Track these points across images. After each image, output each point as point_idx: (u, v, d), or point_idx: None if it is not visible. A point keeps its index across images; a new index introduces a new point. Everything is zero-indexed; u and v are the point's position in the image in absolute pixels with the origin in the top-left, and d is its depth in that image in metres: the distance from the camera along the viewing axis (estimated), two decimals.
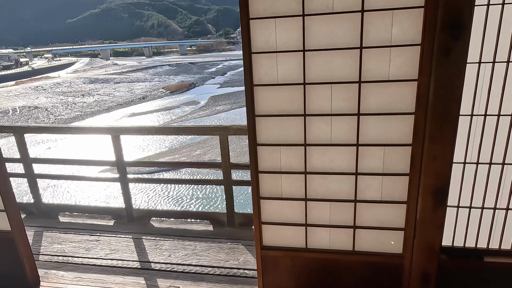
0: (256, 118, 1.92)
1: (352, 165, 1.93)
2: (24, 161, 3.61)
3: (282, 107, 1.89)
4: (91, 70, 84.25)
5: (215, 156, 25.37)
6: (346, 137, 1.88)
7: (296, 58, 1.80)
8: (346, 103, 1.83)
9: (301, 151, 1.95)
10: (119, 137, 3.36)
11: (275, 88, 1.86)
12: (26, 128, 3.51)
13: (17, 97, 52.59)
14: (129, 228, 3.56)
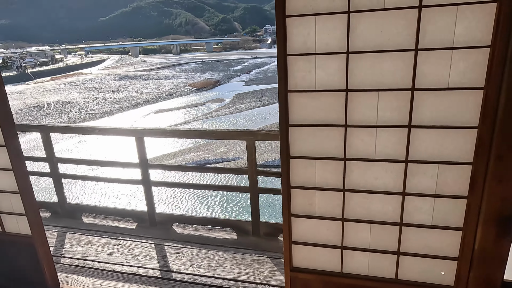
0: (289, 128, 1.72)
1: (399, 184, 1.68)
2: (49, 160, 3.60)
3: (319, 116, 1.67)
4: (121, 67, 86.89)
5: (239, 153, 25.33)
6: (393, 152, 1.64)
7: (338, 61, 1.58)
8: (395, 113, 1.59)
9: (340, 166, 1.73)
10: (143, 139, 3.26)
11: (312, 95, 1.65)
12: (52, 127, 3.49)
13: (52, 92, 55.05)
14: (151, 232, 3.47)
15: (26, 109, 43.74)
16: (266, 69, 80.00)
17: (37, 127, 3.51)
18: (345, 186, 1.75)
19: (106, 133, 3.38)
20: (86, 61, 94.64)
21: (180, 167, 3.24)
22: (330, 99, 1.64)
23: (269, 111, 37.99)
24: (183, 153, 26.48)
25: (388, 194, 1.71)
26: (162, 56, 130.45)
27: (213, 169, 5.09)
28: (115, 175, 15.39)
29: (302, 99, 1.67)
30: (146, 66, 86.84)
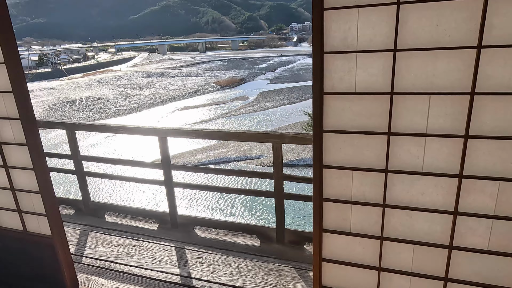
0: (324, 134, 1.54)
1: (450, 202, 1.46)
2: (74, 158, 3.59)
3: (359, 122, 1.48)
4: (149, 64, 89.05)
5: (262, 151, 25.22)
6: (444, 165, 1.42)
7: (383, 59, 1.38)
8: (449, 120, 1.37)
9: (381, 179, 1.53)
10: (166, 139, 3.17)
11: (351, 98, 1.46)
12: (77, 125, 3.47)
13: (84, 88, 57.18)
14: (173, 235, 3.38)
15: (60, 104, 45.66)
16: (291, 67, 79.35)
17: (62, 125, 3.51)
18: (386, 201, 1.55)
19: (130, 132, 3.32)
20: (116, 58, 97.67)
21: (204, 168, 3.14)
22: (372, 103, 1.44)
23: (294, 109, 37.59)
24: (207, 150, 26.69)
25: (436, 212, 1.49)
26: (189, 53, 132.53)
27: (237, 172, 4.89)
28: (138, 174, 15.39)
29: (339, 103, 1.49)
30: (173, 64, 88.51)
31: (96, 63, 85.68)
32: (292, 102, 41.45)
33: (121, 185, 17.19)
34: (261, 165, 22.04)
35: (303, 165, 21.76)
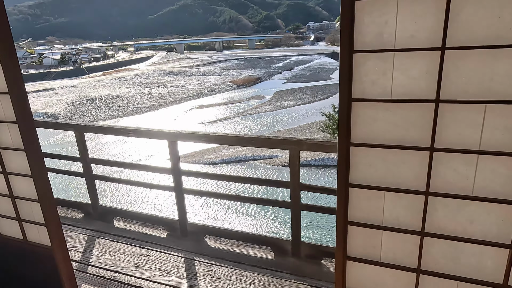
0: (351, 148, 1.30)
1: (507, 233, 1.20)
2: (83, 160, 3.46)
3: (394, 134, 1.24)
4: (166, 63, 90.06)
5: (278, 151, 24.88)
6: (501, 188, 1.17)
7: (427, 60, 1.14)
8: (508, 135, 1.11)
9: (419, 202, 1.28)
10: (176, 143, 2.99)
11: (386, 106, 1.22)
12: (86, 127, 3.34)
13: (103, 86, 58.33)
14: (182, 244, 3.20)
15: (80, 101, 46.69)
16: (307, 67, 78.50)
17: (71, 126, 3.39)
18: (425, 229, 1.30)
19: (139, 135, 3.16)
20: (135, 57, 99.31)
21: (216, 175, 2.94)
22: (412, 112, 1.20)
23: (310, 109, 37.08)
24: (222, 148, 26.65)
25: (488, 245, 1.23)
26: (206, 52, 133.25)
27: (252, 180, 4.63)
28: (148, 178, 14.89)
29: (371, 111, 1.25)
30: (190, 63, 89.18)
31: (116, 62, 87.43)
32: (309, 101, 40.94)
33: (131, 188, 17.23)
34: (276, 165, 21.79)
35: (319, 166, 21.35)
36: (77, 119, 38.85)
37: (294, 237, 2.89)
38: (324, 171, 20.27)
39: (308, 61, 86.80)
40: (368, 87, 1.23)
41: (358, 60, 1.21)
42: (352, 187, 1.36)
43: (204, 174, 3.36)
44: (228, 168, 21.60)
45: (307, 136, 27.71)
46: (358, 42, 1.20)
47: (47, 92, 53.39)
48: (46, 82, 64.22)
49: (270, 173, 20.20)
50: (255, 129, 31.12)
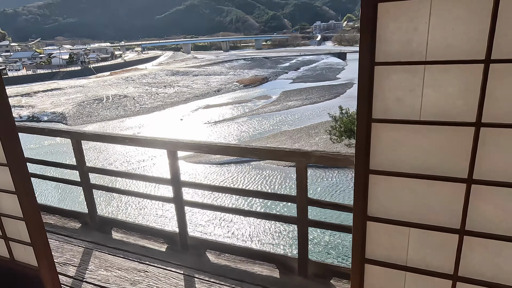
0: (370, 176, 1.10)
1: None
2: (80, 169, 3.30)
3: (423, 162, 1.04)
4: (173, 63, 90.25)
5: None
6: None
7: (467, 74, 0.93)
8: None
9: (452, 241, 1.08)
10: (176, 153, 2.81)
11: (414, 128, 1.02)
12: (83, 134, 3.19)
13: (111, 86, 58.63)
14: (182, 259, 3.03)
15: (88, 101, 46.93)
16: (314, 67, 77.92)
17: (67, 133, 3.23)
18: (459, 272, 1.10)
19: (137, 143, 3.00)
20: (142, 57, 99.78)
21: (218, 188, 2.77)
22: (446, 136, 0.99)
23: (316, 109, 36.71)
24: None
25: None
26: (212, 52, 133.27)
27: (257, 194, 4.41)
28: (148, 186, 14.18)
29: (395, 134, 1.05)
30: (197, 62, 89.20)
31: (123, 61, 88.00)
32: (315, 101, 40.58)
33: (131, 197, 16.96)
34: (282, 165, 21.55)
35: (324, 167, 21.08)
36: (84, 118, 39.00)
37: (300, 254, 2.70)
38: (332, 171, 19.98)
39: (314, 61, 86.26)
40: (392, 106, 1.03)
41: (380, 73, 1.02)
42: (371, 221, 1.16)
43: (206, 186, 3.18)
44: (234, 169, 21.42)
45: (313, 136, 27.36)
46: (381, 52, 1.00)
47: (55, 92, 53.81)
48: (55, 81, 64.89)
49: (277, 174, 20.00)
50: (261, 129, 30.88)
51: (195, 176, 21.07)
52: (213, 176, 20.83)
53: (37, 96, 51.57)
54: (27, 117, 40.84)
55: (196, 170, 21.79)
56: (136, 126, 34.40)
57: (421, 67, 0.97)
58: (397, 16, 0.95)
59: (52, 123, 38.48)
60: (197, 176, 20.98)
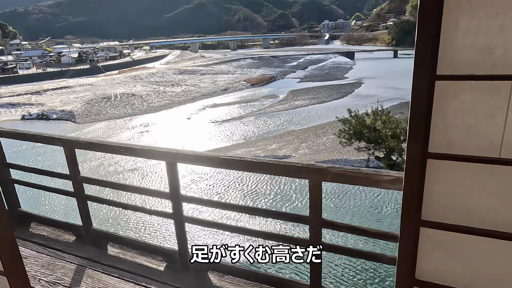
0: (422, 229, 0.81)
1: None
2: (73, 179, 3.06)
3: (496, 215, 0.73)
4: (181, 62, 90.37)
5: (290, 151, 24.35)
6: None
7: None
8: None
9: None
10: (176, 165, 2.54)
11: (490, 170, 0.72)
12: (76, 142, 2.93)
13: (119, 84, 58.89)
14: (182, 280, 2.76)
15: (96, 99, 47.15)
16: (322, 66, 77.16)
17: (60, 141, 2.98)
18: None
19: (134, 153, 2.73)
20: (150, 56, 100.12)
21: (221, 204, 2.48)
22: None
23: (324, 109, 36.22)
24: (235, 148, 26.22)
25: None
26: (220, 51, 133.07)
27: (264, 212, 3.97)
28: (146, 200, 13.27)
29: (461, 175, 0.75)
30: (204, 61, 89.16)
31: (131, 60, 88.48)
32: (322, 101, 40.12)
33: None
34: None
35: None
36: (93, 116, 39.15)
37: (313, 282, 2.41)
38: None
39: (322, 60, 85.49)
40: (460, 137, 0.73)
41: (443, 91, 0.72)
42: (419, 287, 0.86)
43: (209, 202, 2.89)
44: (239, 172, 21.14)
45: (321, 136, 26.92)
46: (446, 61, 0.70)
47: (64, 90, 54.23)
48: (64, 80, 65.55)
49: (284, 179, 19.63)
50: (267, 129, 30.57)
51: (196, 177, 20.85)
52: (216, 177, 20.58)
53: (46, 94, 52.02)
54: (37, 115, 41.17)
55: (197, 171, 21.60)
56: (143, 124, 34.39)
57: (507, 84, 0.66)
58: (473, 8, 0.65)
59: (61, 121, 38.70)
60: (198, 177, 20.77)
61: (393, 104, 34.92)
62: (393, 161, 5.03)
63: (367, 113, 5.06)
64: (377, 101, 22.16)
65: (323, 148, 24.61)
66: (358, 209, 16.31)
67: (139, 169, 22.91)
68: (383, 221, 13.10)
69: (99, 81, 62.09)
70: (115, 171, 21.85)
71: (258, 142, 27.12)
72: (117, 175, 21.61)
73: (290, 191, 17.48)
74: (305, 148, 24.83)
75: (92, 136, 31.42)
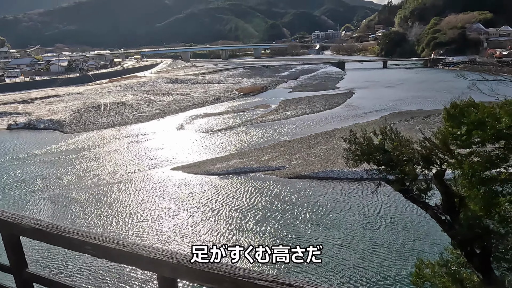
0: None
1: None
2: (17, 273, 2.04)
3: None
4: (172, 71, 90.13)
5: (283, 162, 24.13)
6: None
7: None
8: None
9: None
10: (175, 282, 1.48)
11: None
12: (20, 227, 1.98)
13: (109, 93, 58.26)
14: None
15: (85, 109, 46.43)
16: (313, 76, 77.73)
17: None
18: None
19: (105, 255, 1.72)
20: (141, 64, 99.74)
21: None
22: None
23: (316, 119, 36.25)
24: (227, 159, 25.87)
25: None
26: (211, 60, 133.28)
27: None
28: None
29: None
30: (196, 70, 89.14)
31: (122, 69, 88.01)
32: (315, 111, 40.22)
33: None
34: (282, 177, 20.93)
35: (326, 178, 20.46)
36: (81, 126, 38.37)
37: None
38: (331, 183, 19.32)
39: (314, 70, 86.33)
40: None
41: None
42: None
43: None
44: (233, 181, 20.81)
45: (313, 147, 26.77)
46: None
47: (53, 99, 53.36)
48: (53, 88, 64.63)
49: (276, 186, 19.41)
50: (260, 139, 30.36)
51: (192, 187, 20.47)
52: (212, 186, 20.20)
53: (34, 103, 51.05)
54: (23, 124, 40.20)
55: (193, 181, 21.20)
56: (133, 134, 33.81)
57: None
58: None
59: (48, 130, 37.82)
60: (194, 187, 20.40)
61: (385, 114, 35.16)
62: (406, 186, 4.85)
63: (374, 132, 4.90)
64: (383, 118, 20.99)
65: (317, 159, 24.37)
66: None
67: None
68: None
69: (89, 90, 61.32)
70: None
71: (251, 152, 26.76)
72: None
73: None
74: (298, 159, 24.61)
75: (80, 147, 30.34)
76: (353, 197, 17.54)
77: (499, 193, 4.73)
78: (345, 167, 14.79)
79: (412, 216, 14.47)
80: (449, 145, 4.67)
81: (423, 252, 12.25)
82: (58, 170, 23.79)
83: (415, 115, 34.31)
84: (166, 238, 14.28)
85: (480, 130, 4.24)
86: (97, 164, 25.24)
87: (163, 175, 22.75)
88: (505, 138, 4.42)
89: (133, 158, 26.48)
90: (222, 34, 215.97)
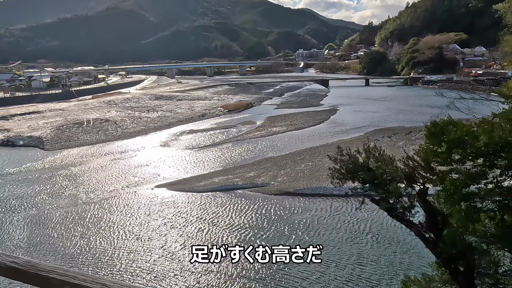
0: None
1: None
2: None
3: None
4: (157, 87, 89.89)
5: (269, 179, 24.07)
6: None
7: None
8: None
9: None
10: None
11: None
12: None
13: (92, 110, 57.38)
14: None
15: (67, 125, 45.43)
16: (298, 93, 79.08)
17: None
18: None
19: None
20: (126, 81, 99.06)
21: None
22: None
23: (301, 135, 36.63)
24: (212, 176, 25.61)
25: None
26: (197, 77, 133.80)
27: None
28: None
29: None
30: (181, 87, 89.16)
31: (106, 85, 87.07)
32: (300, 127, 40.67)
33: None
34: (267, 193, 20.81)
35: (312, 194, 20.47)
36: (63, 143, 37.39)
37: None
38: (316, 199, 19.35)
39: (298, 87, 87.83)
40: None
41: None
42: None
43: None
44: (219, 199, 20.56)
45: (299, 163, 26.90)
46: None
47: (33, 115, 52.09)
48: (34, 105, 63.14)
49: (262, 203, 19.27)
50: (245, 156, 30.28)
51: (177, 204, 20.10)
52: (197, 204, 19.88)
53: (13, 119, 49.64)
54: (1, 141, 38.85)
55: (178, 198, 20.82)
56: (117, 151, 33.17)
57: None
58: None
59: (28, 147, 36.64)
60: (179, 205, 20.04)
61: (368, 131, 35.91)
62: (391, 205, 4.91)
63: (358, 151, 4.95)
64: (366, 135, 21.36)
65: (302, 175, 24.41)
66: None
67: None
68: None
69: (72, 106, 60.28)
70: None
71: (236, 169, 26.58)
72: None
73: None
74: (283, 175, 24.56)
75: (61, 164, 29.47)
76: (339, 213, 17.58)
77: (479, 209, 4.86)
78: (330, 184, 14.82)
79: (397, 232, 14.61)
80: (431, 163, 4.79)
81: (411, 266, 12.36)
82: (34, 188, 22.94)
83: (397, 132, 35.07)
84: (152, 259, 13.87)
85: (460, 148, 4.38)
86: (76, 182, 24.51)
87: (147, 192, 22.24)
88: (484, 155, 4.57)
89: (116, 176, 25.87)
90: (207, 52, 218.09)
